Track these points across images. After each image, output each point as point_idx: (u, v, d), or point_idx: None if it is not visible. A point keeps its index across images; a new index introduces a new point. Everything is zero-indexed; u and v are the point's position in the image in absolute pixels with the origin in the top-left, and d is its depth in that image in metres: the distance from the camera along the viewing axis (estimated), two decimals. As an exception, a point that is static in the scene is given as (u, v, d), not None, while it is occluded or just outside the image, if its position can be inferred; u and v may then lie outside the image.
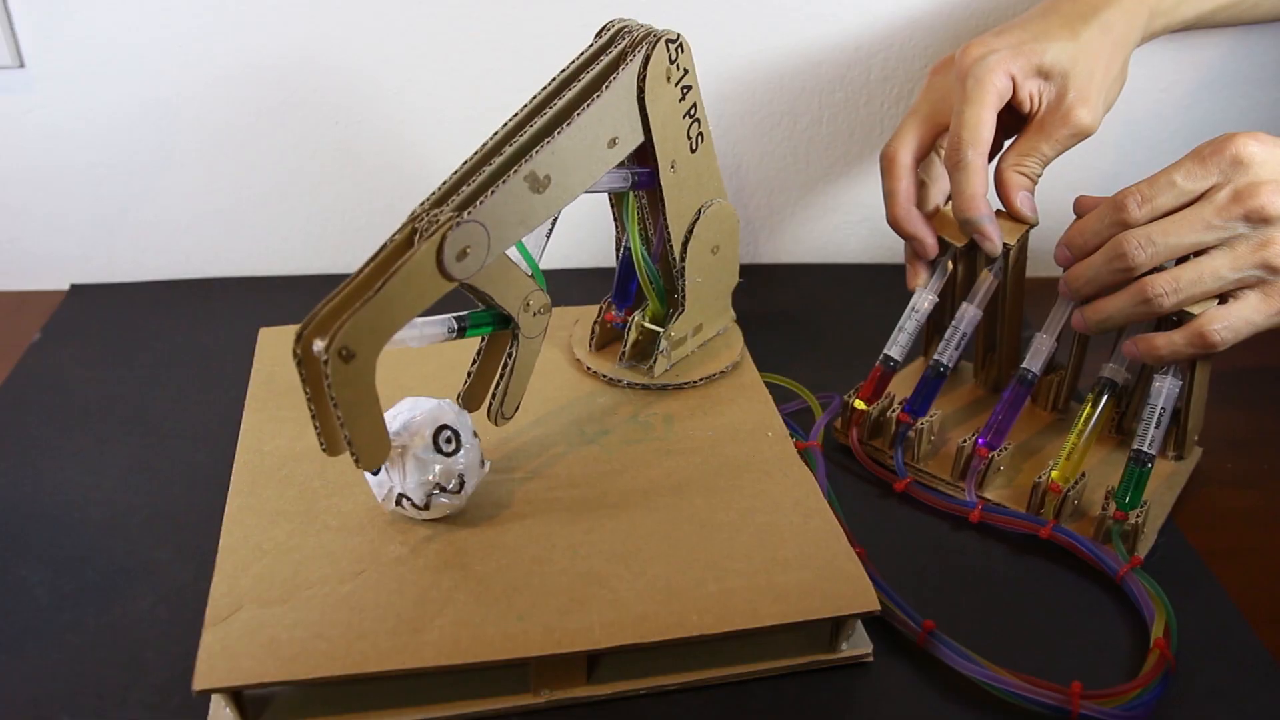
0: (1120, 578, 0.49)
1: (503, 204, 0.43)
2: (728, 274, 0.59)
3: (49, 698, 0.43)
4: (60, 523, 0.52)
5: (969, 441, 0.54)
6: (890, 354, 0.58)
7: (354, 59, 0.69)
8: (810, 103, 0.74)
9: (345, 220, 0.75)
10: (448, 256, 0.41)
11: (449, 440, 0.46)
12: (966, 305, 0.57)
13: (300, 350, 0.40)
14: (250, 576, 0.44)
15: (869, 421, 0.57)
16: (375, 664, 0.40)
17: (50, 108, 0.68)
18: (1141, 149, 0.78)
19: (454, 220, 0.41)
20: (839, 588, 0.44)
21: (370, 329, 0.40)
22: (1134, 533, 0.50)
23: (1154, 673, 0.44)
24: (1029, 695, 0.43)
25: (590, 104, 0.46)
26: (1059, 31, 0.55)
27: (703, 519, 0.48)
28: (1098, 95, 0.55)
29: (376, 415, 0.42)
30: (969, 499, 0.53)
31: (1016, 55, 0.54)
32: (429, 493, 0.45)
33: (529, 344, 0.48)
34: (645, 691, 0.44)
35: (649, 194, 0.54)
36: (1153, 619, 0.47)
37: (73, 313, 0.71)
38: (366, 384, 0.41)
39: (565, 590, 0.44)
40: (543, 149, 0.45)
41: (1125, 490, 0.51)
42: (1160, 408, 0.52)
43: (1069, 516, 0.53)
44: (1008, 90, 0.55)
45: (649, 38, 0.48)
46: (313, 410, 0.41)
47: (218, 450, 0.54)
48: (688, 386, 0.58)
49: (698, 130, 0.52)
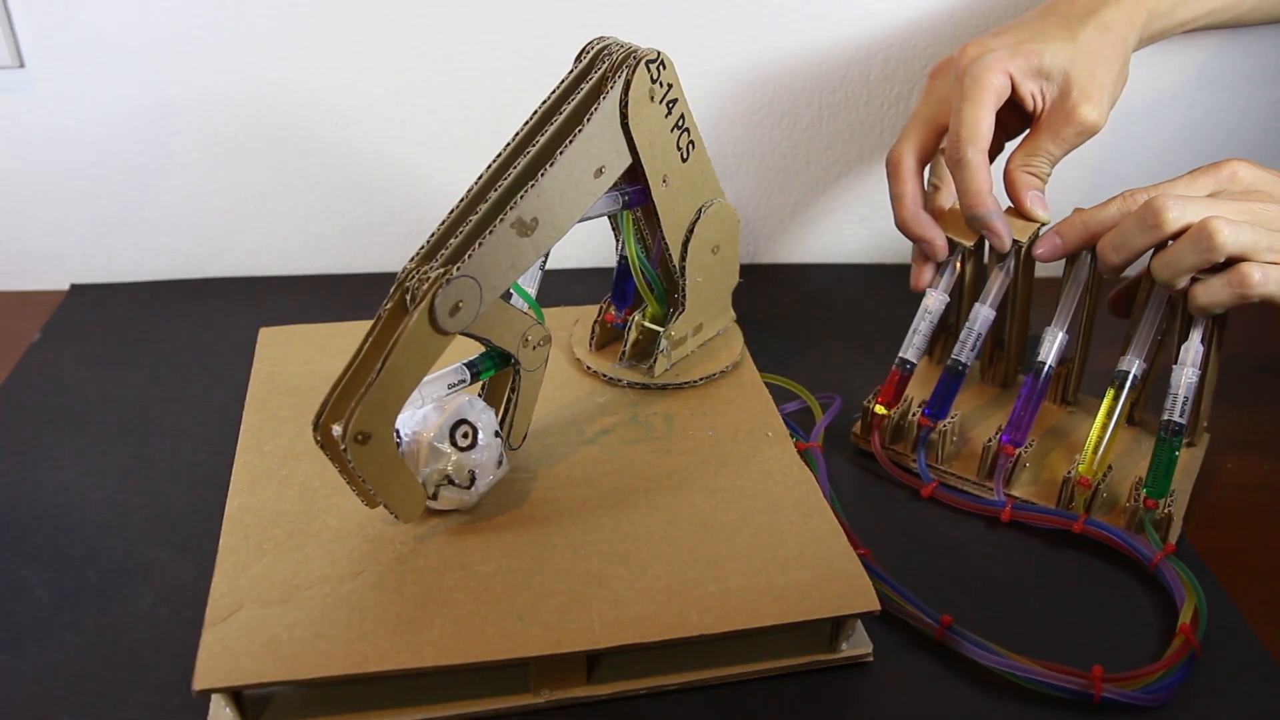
0: (1155, 565, 0.49)
1: (491, 254, 0.43)
2: (728, 273, 0.59)
3: (49, 698, 0.43)
4: (60, 522, 0.52)
5: (994, 440, 0.54)
6: (906, 357, 0.58)
7: (353, 59, 0.69)
8: (810, 103, 0.74)
9: (345, 220, 0.75)
10: (440, 314, 0.42)
11: (465, 435, 0.46)
12: (979, 305, 0.57)
13: (320, 435, 0.42)
14: (250, 576, 0.44)
15: (890, 426, 0.57)
16: (375, 664, 0.40)
17: (50, 108, 0.68)
18: (1141, 148, 0.78)
19: (443, 278, 0.41)
20: (839, 588, 0.44)
21: (381, 407, 0.42)
22: (1166, 520, 0.51)
23: (1177, 656, 0.44)
24: (1051, 681, 0.43)
25: (573, 140, 0.46)
26: (1056, 32, 0.56)
27: (703, 519, 0.48)
28: (1101, 92, 0.55)
29: (405, 475, 0.44)
30: (998, 498, 0.54)
31: (1014, 55, 0.55)
32: (438, 483, 0.46)
33: (531, 376, 0.48)
34: (645, 691, 0.44)
35: (644, 207, 0.54)
36: (1182, 602, 0.47)
37: (72, 313, 0.71)
38: (388, 455, 0.43)
39: (565, 590, 0.44)
40: (528, 193, 0.44)
41: (1153, 478, 0.52)
42: (1185, 398, 0.52)
43: (1099, 509, 0.53)
44: (1005, 88, 0.55)
45: (629, 60, 0.47)
46: (345, 478, 0.44)
47: (218, 450, 0.54)
48: (688, 386, 0.58)
49: (688, 139, 0.52)
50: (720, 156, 0.75)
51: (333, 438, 0.42)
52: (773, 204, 0.78)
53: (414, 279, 0.42)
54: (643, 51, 0.47)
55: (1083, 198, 0.78)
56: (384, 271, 0.78)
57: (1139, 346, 0.54)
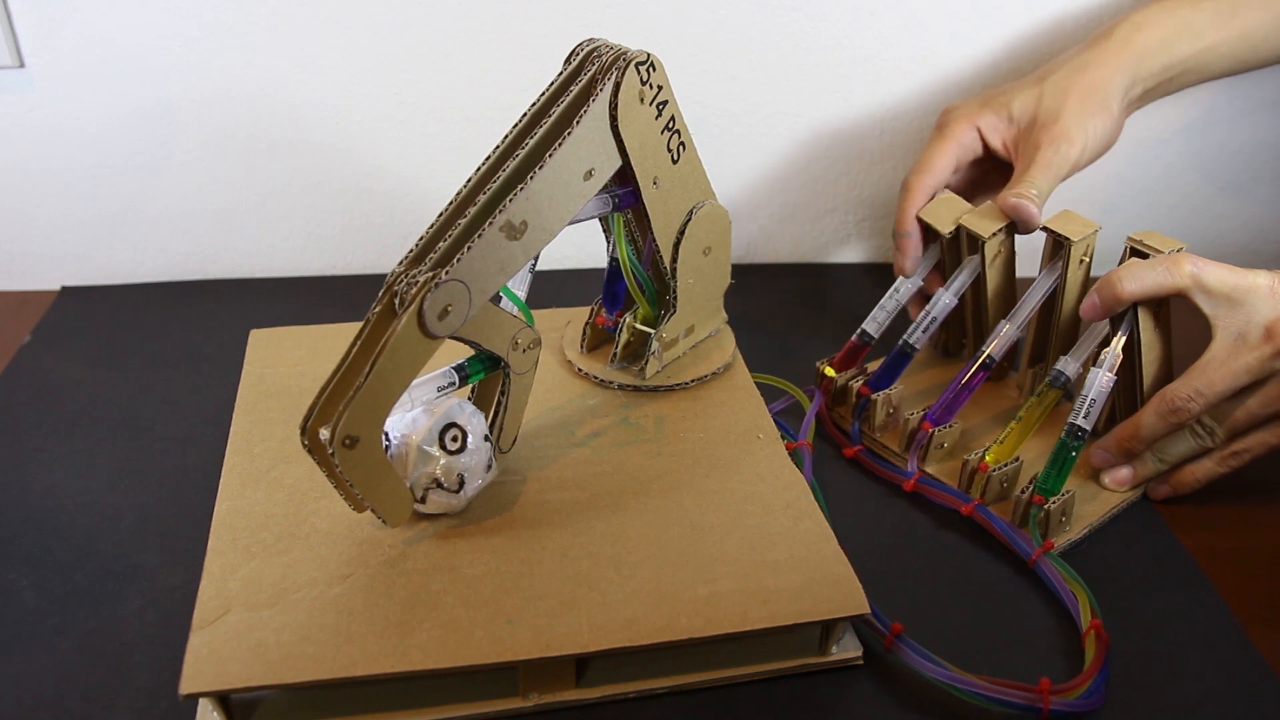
0: (1033, 562, 0.50)
1: (481, 257, 0.43)
2: (720, 275, 0.59)
3: (36, 702, 0.43)
4: (49, 526, 0.52)
5: (914, 415, 0.57)
6: (866, 329, 0.61)
7: (352, 60, 0.69)
8: (810, 103, 0.74)
9: (344, 221, 0.75)
10: (429, 317, 0.41)
11: (455, 439, 0.46)
12: (942, 292, 0.59)
13: (308, 440, 0.42)
14: (238, 579, 0.44)
15: (835, 389, 0.61)
16: (363, 668, 0.40)
17: (50, 108, 0.68)
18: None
19: (431, 281, 0.41)
20: (829, 591, 0.44)
21: (369, 411, 0.41)
22: (1046, 519, 0.51)
23: (1099, 656, 0.45)
24: (999, 696, 0.43)
25: (562, 142, 0.45)
26: (1027, 84, 0.62)
27: (693, 521, 0.48)
28: (1070, 117, 0.59)
29: (393, 480, 0.44)
30: (909, 469, 0.56)
31: (984, 108, 0.62)
32: (426, 486, 0.45)
33: (520, 380, 0.48)
34: (634, 695, 0.44)
35: (634, 209, 0.54)
36: (1073, 602, 0.48)
37: (63, 315, 0.71)
38: (376, 459, 0.43)
39: (554, 593, 0.43)
40: (517, 196, 0.44)
41: (1047, 474, 0.52)
42: (1093, 400, 0.52)
43: (995, 498, 0.54)
44: (972, 141, 0.62)
45: (618, 62, 0.47)
46: (333, 482, 0.44)
47: (207, 453, 0.54)
48: (679, 388, 0.58)
49: (678, 141, 0.52)
50: (719, 156, 0.75)
51: (320, 442, 0.42)
52: (771, 204, 0.78)
53: (402, 282, 0.42)
54: (632, 53, 0.47)
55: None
56: (381, 273, 0.77)
57: (1080, 350, 0.55)
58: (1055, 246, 0.56)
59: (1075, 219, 0.56)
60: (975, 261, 0.58)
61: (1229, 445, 0.53)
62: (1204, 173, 0.80)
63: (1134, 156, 0.79)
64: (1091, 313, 0.53)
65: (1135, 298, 0.51)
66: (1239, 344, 0.50)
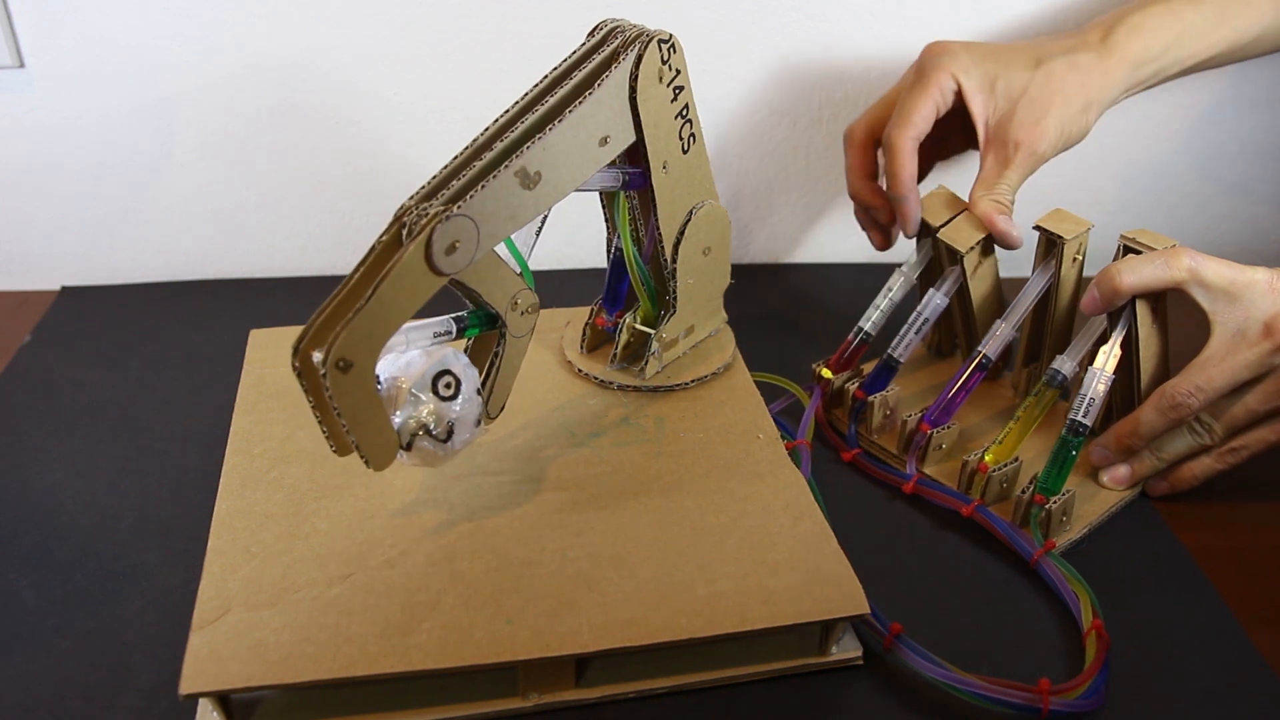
0: (1034, 562, 0.50)
1: (492, 199, 0.43)
2: (719, 275, 0.59)
3: (36, 702, 0.43)
4: (49, 526, 0.52)
5: (913, 416, 0.57)
6: (863, 327, 0.61)
7: (352, 61, 0.69)
8: (810, 102, 0.74)
9: (344, 221, 0.75)
10: (437, 250, 0.41)
11: (448, 385, 0.44)
12: (933, 292, 0.59)
13: (299, 363, 0.40)
14: (238, 579, 0.44)
15: (831, 391, 0.61)
16: (363, 668, 0.40)
17: (50, 108, 0.68)
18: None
19: (443, 213, 0.41)
20: (828, 591, 0.44)
21: (366, 336, 0.40)
22: (1048, 519, 0.51)
23: (1100, 657, 0.45)
24: (997, 696, 0.43)
25: (582, 101, 0.46)
26: (1022, 59, 0.59)
27: (693, 521, 0.48)
28: (1047, 120, 0.58)
29: (381, 417, 0.42)
30: (908, 471, 0.55)
31: (972, 66, 0.59)
32: (414, 432, 0.44)
33: (516, 343, 0.48)
34: (634, 695, 0.44)
35: (640, 194, 0.54)
36: (1075, 602, 0.47)
37: (63, 315, 0.71)
38: (367, 390, 0.41)
39: (554, 593, 0.43)
40: (534, 145, 0.44)
41: (1048, 474, 0.52)
42: (1091, 399, 0.53)
43: (995, 499, 0.54)
44: (950, 91, 0.59)
45: (641, 38, 0.48)
46: (318, 416, 0.41)
47: (207, 453, 0.54)
48: (679, 388, 0.58)
49: (690, 131, 0.52)
50: (719, 156, 0.75)
51: (312, 365, 0.39)
52: (771, 204, 0.78)
53: (413, 214, 0.42)
54: (655, 31, 0.48)
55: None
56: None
57: (1076, 349, 0.55)
58: (1048, 245, 0.56)
59: (1068, 217, 0.56)
60: (957, 272, 0.58)
61: (1228, 442, 0.53)
62: (1204, 173, 0.80)
63: (1134, 156, 0.79)
64: (1091, 306, 0.53)
65: (1133, 290, 0.51)
66: (1238, 340, 0.50)
